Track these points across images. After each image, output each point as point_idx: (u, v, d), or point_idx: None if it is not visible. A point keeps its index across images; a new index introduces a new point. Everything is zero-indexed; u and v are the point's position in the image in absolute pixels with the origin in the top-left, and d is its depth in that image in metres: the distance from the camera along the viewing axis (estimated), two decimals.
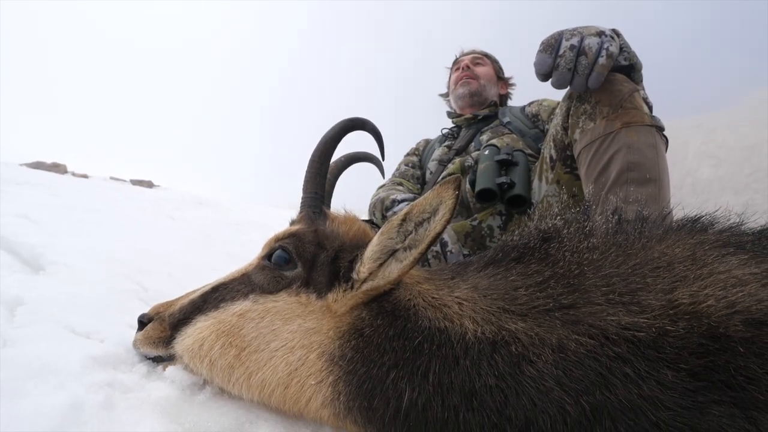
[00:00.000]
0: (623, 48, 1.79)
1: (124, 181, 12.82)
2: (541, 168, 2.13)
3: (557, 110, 2.10)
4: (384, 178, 2.65)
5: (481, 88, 2.84)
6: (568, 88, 1.82)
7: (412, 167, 2.97)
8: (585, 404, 0.77)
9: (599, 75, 1.67)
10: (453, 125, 2.94)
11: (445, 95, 3.15)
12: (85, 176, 11.27)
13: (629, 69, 1.88)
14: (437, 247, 2.00)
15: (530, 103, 2.74)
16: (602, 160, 1.84)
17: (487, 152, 2.30)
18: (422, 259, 1.89)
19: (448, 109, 3.08)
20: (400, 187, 2.68)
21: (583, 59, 1.65)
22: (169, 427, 0.83)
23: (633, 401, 0.75)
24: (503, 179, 2.12)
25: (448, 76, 3.12)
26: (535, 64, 1.74)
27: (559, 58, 1.67)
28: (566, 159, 2.06)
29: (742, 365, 0.69)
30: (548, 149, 2.09)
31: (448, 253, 1.99)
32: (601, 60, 1.65)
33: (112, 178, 12.37)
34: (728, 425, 0.68)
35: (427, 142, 3.13)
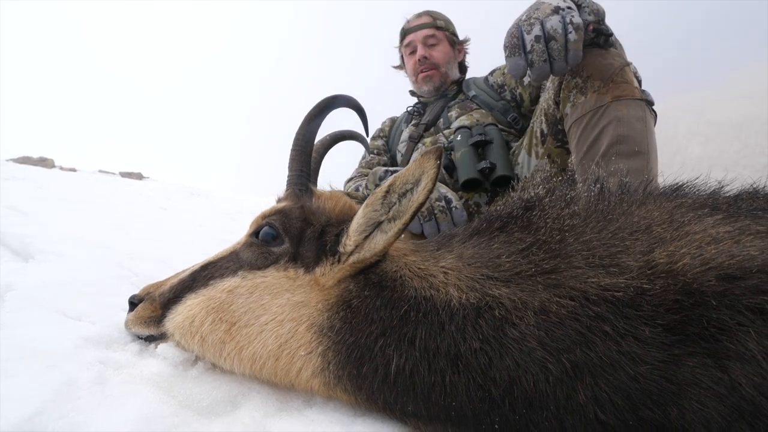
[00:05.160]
0: (582, 6, 1.72)
1: (114, 173, 12.69)
2: (530, 142, 2.14)
3: (548, 84, 2.11)
4: (368, 151, 2.65)
5: (443, 76, 2.73)
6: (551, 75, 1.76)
7: (378, 154, 2.89)
8: (566, 362, 0.79)
9: (576, 51, 1.60)
10: (417, 103, 2.86)
11: (399, 67, 3.00)
12: (73, 170, 11.14)
13: (604, 40, 1.84)
14: (443, 203, 2.01)
15: (493, 72, 2.69)
16: (592, 134, 1.87)
17: (459, 138, 2.28)
18: (429, 217, 1.93)
19: (411, 88, 2.94)
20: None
21: (554, 44, 1.58)
22: (162, 399, 0.84)
23: (612, 357, 0.77)
24: (484, 164, 2.13)
25: (399, 50, 2.92)
26: (510, 70, 1.66)
27: (529, 55, 1.59)
28: (557, 133, 2.08)
29: (715, 317, 0.71)
30: (539, 123, 2.10)
31: (453, 209, 2.01)
32: (571, 36, 1.57)
33: (101, 171, 12.24)
34: (702, 375, 0.71)
35: (393, 121, 3.04)
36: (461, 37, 2.89)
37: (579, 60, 1.62)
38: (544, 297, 0.86)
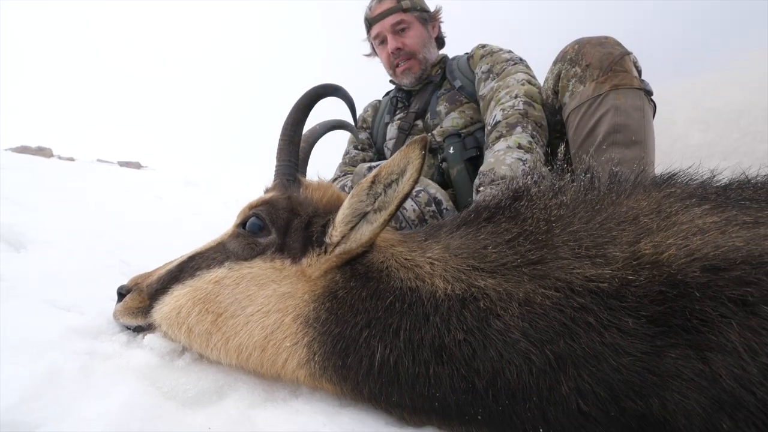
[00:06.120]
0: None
1: (112, 163, 12.65)
2: None
3: (547, 74, 2.09)
4: (357, 138, 2.55)
5: (423, 62, 2.50)
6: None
7: (362, 149, 2.71)
8: (549, 353, 0.79)
9: None
10: (401, 92, 2.66)
11: (371, 55, 2.76)
12: (71, 159, 11.10)
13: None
14: (433, 207, 1.99)
15: (470, 56, 2.48)
16: (590, 122, 1.87)
17: (452, 150, 2.20)
18: (420, 223, 1.91)
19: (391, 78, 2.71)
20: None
21: None
22: (147, 390, 0.84)
23: (595, 349, 0.77)
24: None
25: (368, 41, 2.66)
26: None
27: None
28: (555, 124, 2.07)
29: (698, 309, 0.71)
30: None
31: (444, 211, 1.99)
32: None
33: (99, 160, 12.21)
34: (683, 366, 0.70)
35: (375, 110, 2.82)
36: (432, 8, 2.60)
37: None
38: (529, 288, 0.86)
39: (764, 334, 0.66)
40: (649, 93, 1.93)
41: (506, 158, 1.75)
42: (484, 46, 2.46)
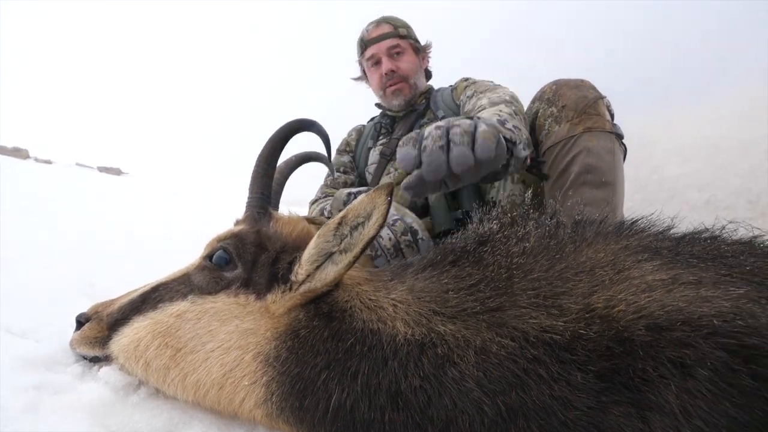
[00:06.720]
0: (518, 143, 1.49)
1: (91, 168, 12.41)
2: None
3: (526, 111, 2.16)
4: (334, 176, 2.59)
5: (413, 88, 2.57)
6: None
7: (344, 172, 2.73)
8: (501, 404, 0.80)
9: (485, 141, 1.14)
10: (386, 117, 2.70)
11: (360, 79, 2.81)
12: (48, 162, 10.86)
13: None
14: (409, 236, 2.01)
15: (454, 88, 2.55)
16: (564, 161, 1.94)
17: None
18: (396, 253, 1.92)
19: (378, 101, 2.73)
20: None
21: (457, 129, 1.15)
22: (93, 430, 0.83)
23: (545, 401, 0.79)
24: (459, 214, 2.09)
25: (360, 63, 2.72)
26: (400, 161, 1.21)
27: (424, 141, 1.17)
28: (532, 159, 2.13)
29: (640, 368, 0.74)
30: None
31: (420, 241, 2.00)
32: (482, 128, 1.16)
33: (78, 164, 11.96)
34: (625, 424, 0.73)
35: (360, 134, 2.85)
36: (422, 42, 2.70)
37: (490, 153, 1.14)
38: (487, 336, 0.88)
39: (699, 397, 0.69)
40: (620, 136, 2.02)
41: (483, 113, 1.74)
42: (467, 78, 2.53)
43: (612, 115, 2.06)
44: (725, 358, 0.71)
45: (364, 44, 2.60)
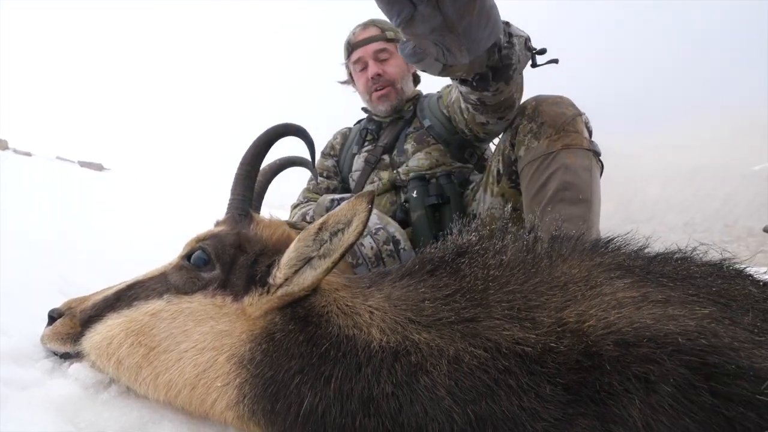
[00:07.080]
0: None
1: (72, 162, 12.18)
2: (487, 180, 2.21)
3: (507, 127, 2.19)
4: (317, 181, 2.59)
5: (400, 93, 2.55)
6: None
7: (328, 177, 2.72)
8: (471, 413, 0.82)
9: None
10: (372, 123, 2.69)
11: (347, 83, 2.79)
12: (28, 154, 10.63)
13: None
14: (391, 246, 2.02)
15: (440, 96, 2.53)
16: (541, 178, 1.97)
17: (415, 194, 2.25)
18: (377, 262, 1.92)
19: (364, 105, 2.73)
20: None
21: None
22: (61, 428, 0.81)
23: (514, 412, 0.80)
24: (441, 234, 2.13)
25: (346, 66, 2.70)
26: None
27: None
28: (512, 174, 2.16)
29: (607, 382, 0.75)
30: (496, 163, 2.18)
31: (401, 251, 2.01)
32: None
33: (59, 158, 11.73)
34: None
35: (345, 138, 2.83)
36: None
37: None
38: (460, 346, 0.89)
39: (661, 412, 0.71)
40: (597, 154, 2.07)
41: None
42: (449, 84, 2.54)
43: (590, 132, 2.10)
44: (687, 375, 0.73)
45: (351, 47, 2.58)
